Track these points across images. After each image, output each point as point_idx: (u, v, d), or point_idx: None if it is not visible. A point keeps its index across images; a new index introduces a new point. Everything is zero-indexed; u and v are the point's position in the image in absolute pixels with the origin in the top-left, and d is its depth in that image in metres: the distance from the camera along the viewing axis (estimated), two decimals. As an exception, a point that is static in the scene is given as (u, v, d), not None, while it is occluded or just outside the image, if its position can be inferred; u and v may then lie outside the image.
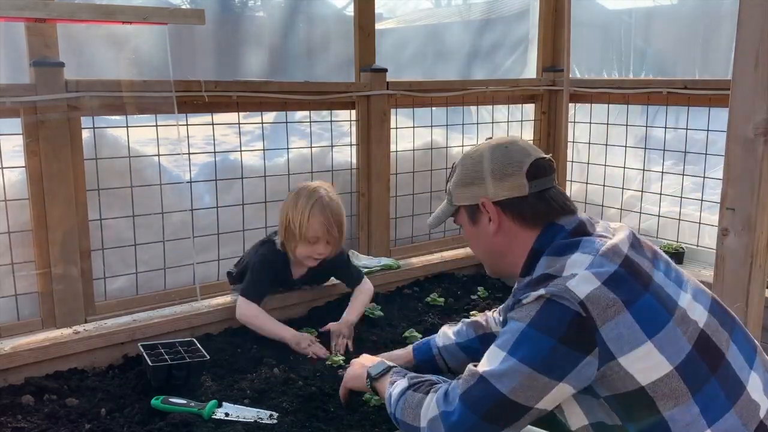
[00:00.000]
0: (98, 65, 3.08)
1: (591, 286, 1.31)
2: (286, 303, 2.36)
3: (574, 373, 1.30)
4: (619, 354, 1.30)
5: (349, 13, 3.72)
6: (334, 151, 3.67)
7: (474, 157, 1.57)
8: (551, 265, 1.40)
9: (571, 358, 1.30)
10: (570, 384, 1.31)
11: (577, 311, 1.29)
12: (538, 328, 1.32)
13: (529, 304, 1.34)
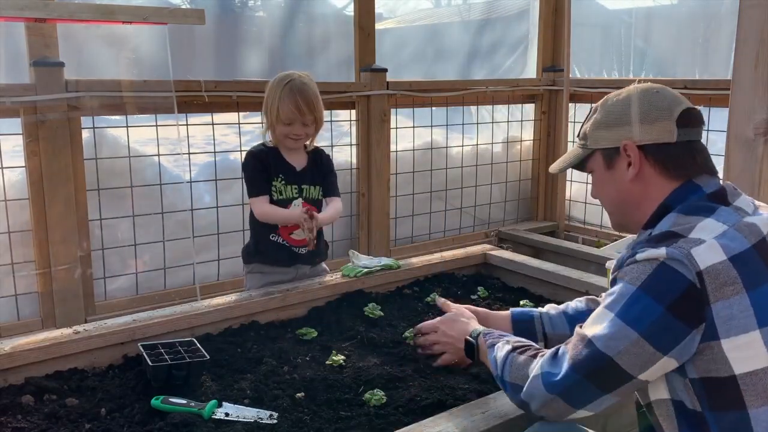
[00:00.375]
0: (98, 65, 3.09)
1: (716, 258, 1.23)
2: (286, 303, 2.36)
3: (680, 347, 1.24)
4: (724, 336, 1.22)
5: (349, 13, 3.72)
6: (334, 151, 3.67)
7: (620, 99, 1.47)
8: (679, 224, 1.31)
9: (679, 330, 1.23)
10: (674, 358, 1.25)
11: (692, 281, 1.22)
12: (648, 292, 1.25)
13: (643, 263, 1.27)
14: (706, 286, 1.22)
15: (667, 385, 1.31)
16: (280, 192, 2.51)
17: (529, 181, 4.63)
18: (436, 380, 1.87)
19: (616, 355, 1.27)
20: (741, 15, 1.77)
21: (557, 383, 1.34)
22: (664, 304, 1.23)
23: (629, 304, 1.27)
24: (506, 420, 1.50)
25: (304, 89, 2.43)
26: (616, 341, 1.27)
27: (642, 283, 1.26)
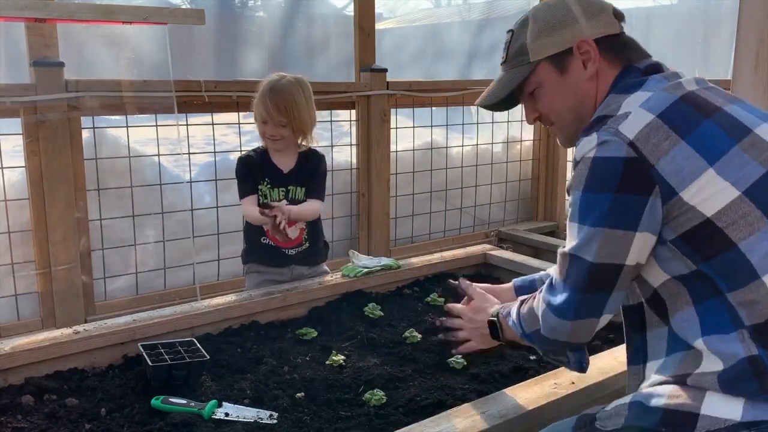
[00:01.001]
0: (98, 65, 3.09)
1: (643, 121, 1.25)
2: (286, 303, 2.36)
3: (645, 218, 1.24)
4: (680, 188, 1.22)
5: (349, 13, 3.72)
6: (334, 151, 3.67)
7: (554, 4, 1.46)
8: (609, 104, 1.34)
9: (635, 202, 1.24)
10: (646, 230, 1.26)
11: (627, 156, 1.23)
12: (593, 189, 1.28)
13: (580, 165, 1.31)
14: (641, 152, 1.23)
15: (659, 265, 1.31)
16: (266, 196, 2.55)
17: (529, 181, 4.63)
18: (436, 380, 1.88)
19: (596, 256, 1.28)
20: (741, 15, 1.76)
21: (565, 308, 1.34)
22: (611, 190, 1.25)
23: (583, 208, 1.30)
24: (506, 420, 1.51)
25: (279, 90, 2.44)
26: (589, 244, 1.29)
27: (584, 184, 1.29)
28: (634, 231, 1.26)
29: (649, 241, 1.28)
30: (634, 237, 1.26)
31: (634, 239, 1.26)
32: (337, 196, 3.67)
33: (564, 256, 1.35)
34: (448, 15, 5.26)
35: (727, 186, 1.22)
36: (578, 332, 1.36)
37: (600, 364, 1.76)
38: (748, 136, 1.26)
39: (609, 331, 2.24)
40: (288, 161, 2.56)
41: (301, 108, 2.47)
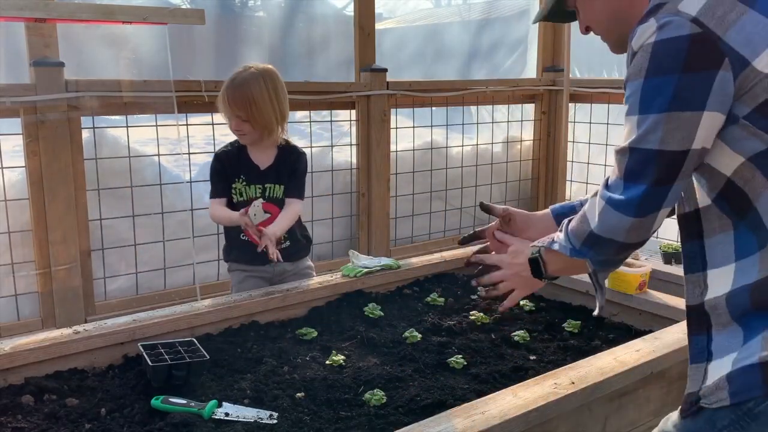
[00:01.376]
0: (98, 65, 3.09)
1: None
2: (286, 303, 2.35)
3: (713, 95, 1.17)
4: (753, 56, 1.15)
5: (349, 13, 3.72)
6: (334, 151, 3.67)
7: None
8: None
9: (703, 80, 1.17)
10: (715, 110, 1.18)
11: (691, 33, 1.17)
12: (657, 73, 1.20)
13: (639, 54, 1.22)
14: (707, 25, 1.17)
15: (731, 148, 1.22)
16: (241, 193, 2.50)
17: (529, 181, 4.63)
18: (436, 380, 1.88)
19: (661, 143, 1.21)
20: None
21: (627, 203, 1.26)
22: (677, 71, 1.18)
23: (645, 96, 1.22)
24: (506, 420, 1.50)
25: (239, 84, 2.37)
26: (653, 133, 1.21)
27: (646, 72, 1.21)
28: (702, 110, 1.18)
29: (717, 122, 1.20)
30: (702, 117, 1.18)
31: (701, 119, 1.19)
32: (337, 196, 3.67)
33: (622, 152, 1.27)
34: (448, 15, 5.26)
35: None
36: (638, 230, 1.29)
37: (600, 364, 1.76)
38: None
39: (609, 331, 2.25)
40: (265, 157, 2.50)
41: (262, 103, 2.37)
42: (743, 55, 1.16)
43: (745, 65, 1.16)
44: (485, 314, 2.36)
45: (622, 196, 1.27)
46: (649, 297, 2.30)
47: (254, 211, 2.48)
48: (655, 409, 1.89)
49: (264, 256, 2.39)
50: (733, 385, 1.18)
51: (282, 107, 2.45)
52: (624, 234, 1.31)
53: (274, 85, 2.42)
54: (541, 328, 2.28)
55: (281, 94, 2.45)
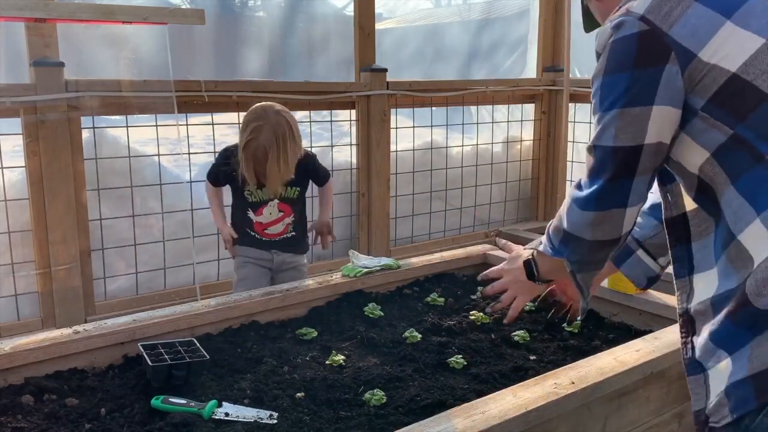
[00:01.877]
0: (98, 65, 3.09)
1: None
2: (286, 303, 2.35)
3: (662, 89, 1.20)
4: (698, 48, 1.17)
5: (349, 13, 3.72)
6: (334, 151, 3.67)
7: None
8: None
9: (650, 75, 1.20)
10: (665, 104, 1.21)
11: (639, 30, 1.21)
12: (612, 72, 1.25)
13: (600, 58, 1.28)
14: (653, 22, 1.20)
15: (696, 141, 1.24)
16: (254, 195, 2.67)
17: (529, 181, 4.63)
18: (436, 380, 1.87)
19: (615, 139, 1.25)
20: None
21: (587, 199, 1.32)
22: (628, 68, 1.22)
23: (602, 94, 1.27)
24: (506, 420, 1.50)
25: (261, 154, 2.51)
26: (608, 129, 1.26)
27: (605, 69, 1.26)
28: (651, 105, 1.21)
29: (669, 115, 1.23)
30: (651, 111, 1.22)
31: (651, 114, 1.22)
32: (337, 196, 3.67)
33: (588, 151, 1.33)
34: (448, 15, 5.26)
35: (750, 36, 1.17)
36: (602, 225, 1.32)
37: (600, 364, 1.76)
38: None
39: (609, 331, 2.25)
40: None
41: (278, 171, 2.54)
42: (688, 48, 1.18)
43: (691, 58, 1.18)
44: (485, 314, 2.36)
45: (583, 192, 1.33)
46: (649, 297, 2.30)
47: (270, 210, 2.70)
48: (655, 409, 1.89)
49: (265, 244, 2.72)
50: (731, 400, 1.18)
51: (295, 155, 2.63)
52: (589, 230, 1.34)
53: (288, 146, 2.58)
54: (541, 328, 2.28)
55: (295, 146, 2.63)
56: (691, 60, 1.18)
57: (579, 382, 1.66)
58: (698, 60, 1.18)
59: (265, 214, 2.69)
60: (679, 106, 1.22)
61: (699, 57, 1.18)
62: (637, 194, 1.29)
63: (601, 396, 1.71)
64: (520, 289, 1.65)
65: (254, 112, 2.60)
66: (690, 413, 1.27)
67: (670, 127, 1.24)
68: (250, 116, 2.59)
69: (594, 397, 1.68)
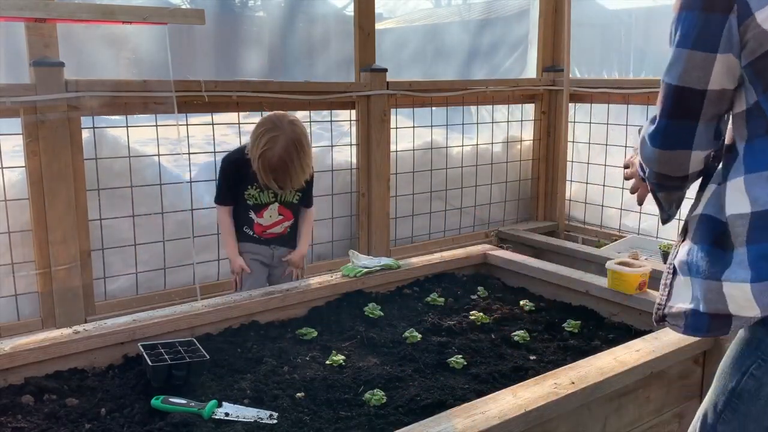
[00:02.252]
0: (98, 65, 3.09)
1: None
2: (286, 303, 2.36)
3: (724, 38, 1.25)
4: (757, 8, 1.21)
5: (349, 13, 3.72)
6: (334, 151, 3.67)
7: None
8: None
9: (716, 22, 1.25)
10: (729, 52, 1.26)
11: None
12: (685, 7, 1.29)
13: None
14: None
15: (744, 93, 1.30)
16: (255, 198, 2.69)
17: (529, 181, 4.63)
18: (436, 380, 1.88)
19: (679, 78, 1.30)
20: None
21: (654, 134, 1.36)
22: (698, 7, 1.26)
23: (675, 27, 1.32)
24: (506, 420, 1.51)
25: (282, 167, 2.53)
26: (676, 67, 1.31)
27: (681, 3, 1.30)
28: (715, 53, 1.25)
29: (734, 64, 1.26)
30: (716, 60, 1.26)
31: (715, 62, 1.26)
32: (337, 196, 3.67)
33: (660, 84, 1.39)
34: (448, 15, 5.26)
35: None
36: (668, 163, 1.38)
37: (600, 364, 1.76)
38: None
39: (609, 331, 2.25)
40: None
41: (298, 177, 2.59)
42: (749, 4, 1.21)
43: (748, 14, 1.21)
44: (485, 314, 2.36)
45: (653, 127, 1.38)
46: (649, 297, 2.30)
47: (270, 213, 2.73)
48: (655, 409, 1.89)
49: (263, 242, 2.76)
50: (688, 319, 1.34)
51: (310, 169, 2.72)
52: (656, 164, 1.40)
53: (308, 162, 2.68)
54: (541, 328, 2.28)
55: (309, 160, 2.69)
56: (747, 17, 1.21)
57: (579, 382, 1.66)
58: (753, 18, 1.21)
59: (265, 216, 2.72)
60: (738, 55, 1.26)
61: (755, 15, 1.21)
62: (704, 139, 1.33)
63: (601, 396, 1.71)
64: (642, 184, 1.70)
65: (269, 122, 2.58)
66: (690, 413, 1.28)
67: (733, 74, 1.28)
68: (264, 126, 2.57)
69: (594, 397, 1.68)
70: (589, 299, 2.46)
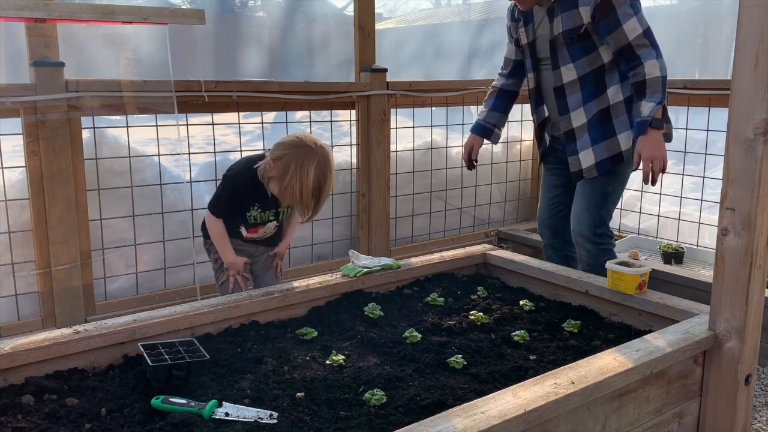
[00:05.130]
0: (98, 65, 3.09)
1: None
2: (286, 303, 2.36)
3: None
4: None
5: (349, 13, 3.72)
6: (334, 151, 3.67)
7: None
8: None
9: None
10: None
11: None
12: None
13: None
14: None
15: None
16: (256, 218, 2.66)
17: (529, 181, 4.63)
18: (436, 380, 1.88)
19: (647, 23, 2.60)
20: (741, 15, 1.76)
21: (660, 52, 2.60)
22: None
23: (632, 4, 2.58)
24: (506, 420, 1.51)
25: (325, 190, 2.46)
26: (644, 18, 2.59)
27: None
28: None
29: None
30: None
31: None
32: (337, 196, 3.67)
33: (645, 32, 2.56)
34: (448, 15, 5.26)
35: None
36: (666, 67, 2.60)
37: (600, 364, 1.76)
38: None
39: (609, 331, 2.25)
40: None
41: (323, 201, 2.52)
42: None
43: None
44: (485, 314, 2.36)
45: (657, 50, 2.59)
46: (649, 297, 2.30)
47: (265, 230, 2.71)
48: (655, 409, 1.89)
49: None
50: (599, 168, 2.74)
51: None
52: (666, 70, 2.59)
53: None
54: (541, 328, 2.28)
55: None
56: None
57: (579, 382, 1.66)
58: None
59: (259, 232, 2.70)
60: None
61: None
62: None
63: (601, 396, 1.71)
64: (658, 152, 2.57)
65: (303, 149, 2.45)
66: (690, 413, 1.28)
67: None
68: (301, 155, 2.43)
69: (594, 397, 1.68)
70: (589, 299, 2.46)
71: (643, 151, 2.53)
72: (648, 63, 2.51)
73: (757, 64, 1.74)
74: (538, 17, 2.78)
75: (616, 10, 2.52)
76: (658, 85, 2.51)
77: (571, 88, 2.74)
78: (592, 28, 2.61)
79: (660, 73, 2.50)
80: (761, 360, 2.83)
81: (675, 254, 3.64)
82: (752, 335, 1.93)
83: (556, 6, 2.67)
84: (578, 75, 2.70)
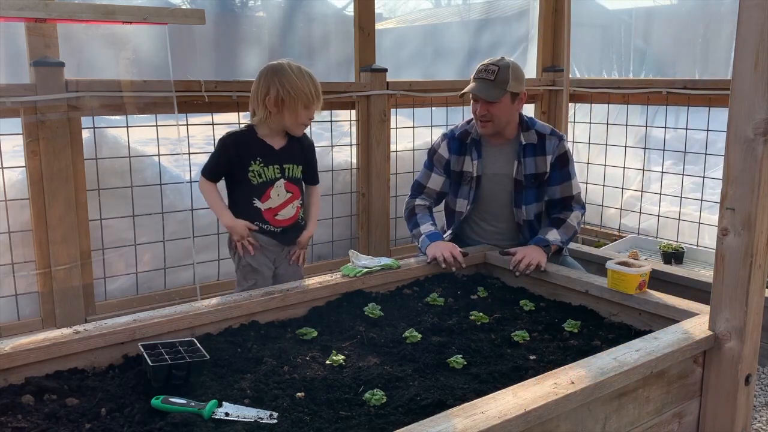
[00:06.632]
0: (98, 65, 3.09)
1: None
2: (286, 303, 2.36)
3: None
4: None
5: (349, 13, 3.72)
6: (334, 151, 3.67)
7: (516, 67, 2.88)
8: (542, 123, 3.00)
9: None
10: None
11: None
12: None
13: (567, 146, 2.96)
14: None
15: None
16: (260, 174, 2.55)
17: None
18: (436, 380, 1.88)
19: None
20: (741, 15, 1.76)
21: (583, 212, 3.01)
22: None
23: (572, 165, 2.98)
24: (506, 420, 1.51)
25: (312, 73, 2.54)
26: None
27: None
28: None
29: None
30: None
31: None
32: (337, 196, 3.67)
33: (579, 194, 2.97)
34: (448, 15, 5.25)
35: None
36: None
37: (600, 364, 1.76)
38: None
39: (609, 331, 2.25)
40: (279, 140, 2.60)
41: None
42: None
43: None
44: (485, 314, 2.36)
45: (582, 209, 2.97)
46: (649, 297, 2.30)
47: (277, 192, 2.59)
48: (655, 409, 1.89)
49: (278, 235, 2.61)
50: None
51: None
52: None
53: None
54: (541, 328, 2.28)
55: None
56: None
57: (579, 382, 1.66)
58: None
59: (272, 196, 2.56)
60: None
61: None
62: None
63: (601, 396, 1.71)
64: (538, 257, 2.71)
65: (266, 72, 2.53)
66: (690, 413, 1.28)
67: None
68: (268, 76, 2.51)
69: (594, 397, 1.68)
70: (589, 299, 2.46)
71: (527, 249, 2.72)
72: (576, 213, 2.90)
73: (757, 64, 1.74)
74: (490, 153, 2.96)
75: (568, 166, 2.90)
76: (571, 232, 2.87)
77: (528, 225, 2.96)
78: (547, 176, 2.89)
79: (577, 227, 2.90)
80: (761, 360, 2.83)
81: (675, 254, 3.64)
82: (752, 335, 1.93)
83: (521, 149, 2.90)
84: (534, 214, 2.96)
